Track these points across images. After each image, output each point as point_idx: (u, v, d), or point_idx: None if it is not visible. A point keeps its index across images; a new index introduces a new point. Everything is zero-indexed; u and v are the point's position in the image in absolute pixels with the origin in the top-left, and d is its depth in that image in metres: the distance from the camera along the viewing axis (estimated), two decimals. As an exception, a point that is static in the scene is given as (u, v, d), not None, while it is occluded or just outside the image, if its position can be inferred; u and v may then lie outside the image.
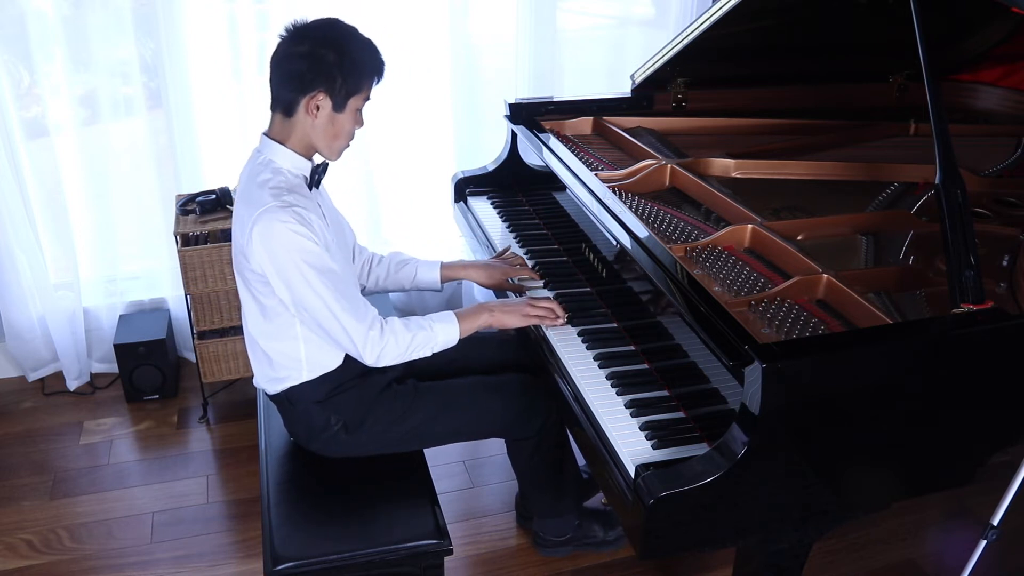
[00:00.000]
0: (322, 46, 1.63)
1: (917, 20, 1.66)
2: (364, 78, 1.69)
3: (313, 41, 1.64)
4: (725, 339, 1.41)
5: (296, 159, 1.73)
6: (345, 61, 1.64)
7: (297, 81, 1.65)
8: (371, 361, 1.74)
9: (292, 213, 1.62)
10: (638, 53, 3.06)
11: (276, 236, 1.61)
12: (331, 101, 1.67)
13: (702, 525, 1.42)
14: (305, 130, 1.70)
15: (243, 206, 1.69)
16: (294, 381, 1.81)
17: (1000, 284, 1.72)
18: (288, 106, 1.69)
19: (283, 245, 1.62)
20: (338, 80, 1.65)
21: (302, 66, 1.64)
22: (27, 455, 2.69)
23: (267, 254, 1.63)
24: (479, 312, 1.86)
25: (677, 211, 2.01)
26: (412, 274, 2.08)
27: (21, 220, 2.78)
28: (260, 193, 1.65)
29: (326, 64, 1.63)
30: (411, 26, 2.93)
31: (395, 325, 1.76)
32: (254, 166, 1.73)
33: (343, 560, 1.66)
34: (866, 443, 1.47)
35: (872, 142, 2.44)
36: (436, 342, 1.80)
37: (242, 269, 1.73)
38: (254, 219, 1.62)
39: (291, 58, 1.65)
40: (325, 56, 1.63)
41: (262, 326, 1.78)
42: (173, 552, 2.30)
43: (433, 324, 1.80)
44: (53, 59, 2.69)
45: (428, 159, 3.12)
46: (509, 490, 2.50)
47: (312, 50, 1.63)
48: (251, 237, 1.63)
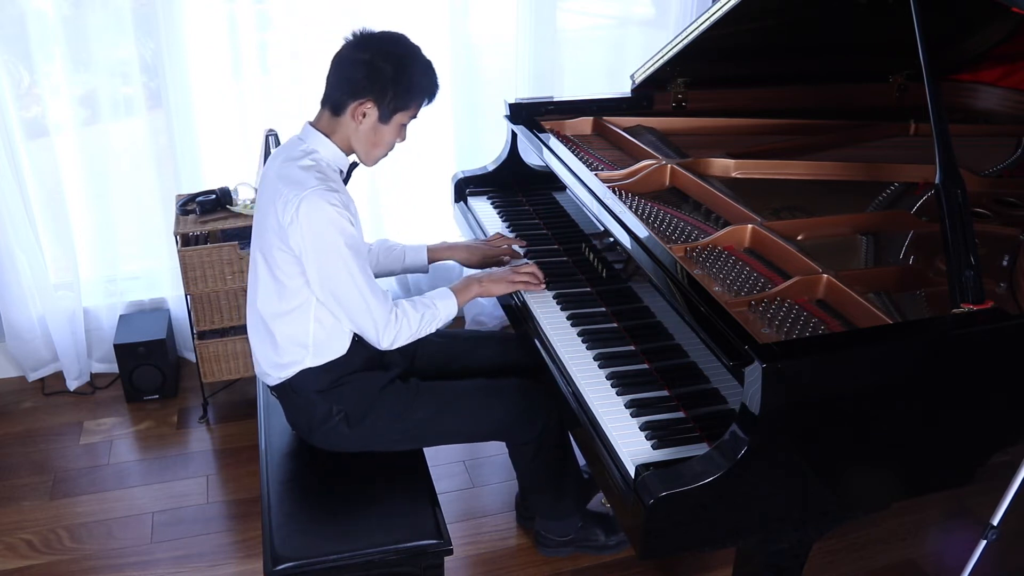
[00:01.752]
0: (383, 59, 1.70)
1: (917, 20, 1.66)
2: (415, 97, 1.76)
3: (375, 52, 1.71)
4: (725, 339, 1.41)
5: (338, 153, 1.80)
6: (401, 77, 1.72)
7: (351, 85, 1.72)
8: (386, 344, 1.79)
9: (337, 197, 1.69)
10: (638, 53, 3.06)
11: (324, 215, 1.67)
12: (378, 111, 1.74)
13: (702, 525, 1.42)
14: (348, 132, 1.78)
15: (284, 185, 1.71)
16: (299, 367, 1.82)
17: (1000, 284, 1.72)
18: (337, 106, 1.75)
19: (330, 224, 1.67)
20: (389, 94, 1.72)
21: (359, 73, 1.71)
22: (27, 455, 2.69)
23: (311, 231, 1.67)
24: (470, 284, 1.94)
25: (677, 211, 2.01)
26: (401, 258, 2.15)
27: (21, 220, 2.78)
28: (305, 175, 1.70)
29: (382, 76, 1.70)
30: (411, 26, 2.91)
31: (406, 308, 1.82)
32: (294, 151, 1.77)
33: (343, 560, 1.66)
34: (866, 443, 1.47)
35: (872, 142, 2.44)
36: (440, 317, 1.87)
37: (268, 247, 1.75)
38: (302, 197, 1.66)
39: (351, 63, 1.72)
40: (383, 69, 1.70)
41: (276, 306, 1.80)
42: (173, 552, 2.30)
43: (435, 302, 1.87)
44: (53, 59, 2.69)
45: (428, 159, 3.12)
46: (509, 490, 2.50)
47: (372, 60, 1.71)
48: (297, 214, 1.67)
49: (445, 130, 3.13)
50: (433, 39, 2.98)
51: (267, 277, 1.79)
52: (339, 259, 1.70)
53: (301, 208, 1.66)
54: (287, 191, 1.69)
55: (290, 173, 1.72)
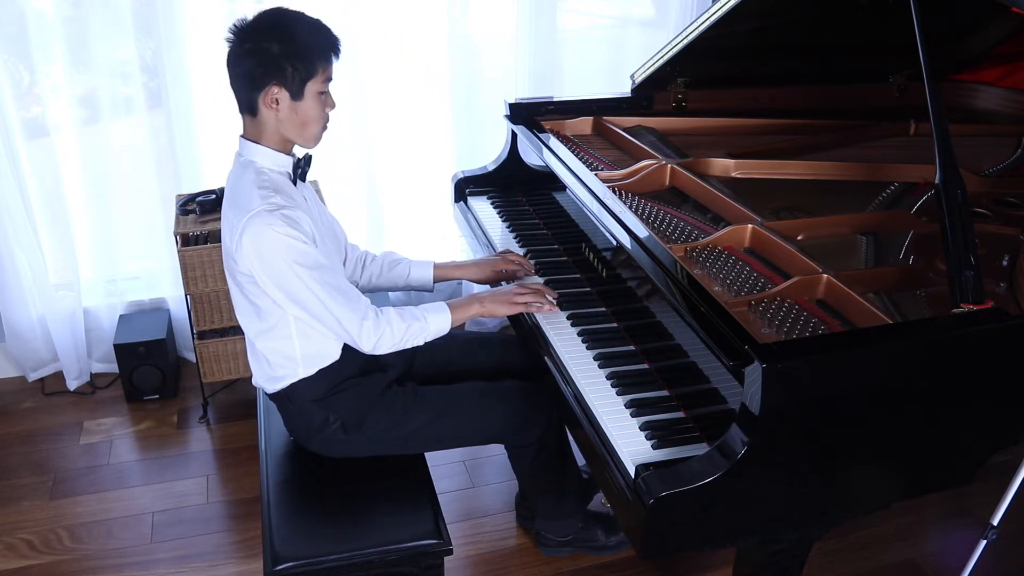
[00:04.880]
0: (265, 39, 1.62)
1: (917, 20, 1.66)
2: (316, 60, 1.66)
3: (256, 37, 1.63)
4: (725, 339, 1.41)
5: (275, 156, 1.73)
6: (290, 48, 1.62)
7: (249, 79, 1.65)
8: (368, 349, 1.76)
9: (280, 216, 1.62)
10: (638, 53, 3.06)
11: (266, 241, 1.62)
12: (287, 91, 1.65)
13: (702, 525, 1.42)
14: (273, 125, 1.70)
15: (231, 210, 1.69)
16: (292, 379, 1.81)
17: (1000, 284, 1.72)
18: (250, 106, 1.69)
19: (273, 249, 1.62)
20: (288, 69, 1.63)
21: (250, 64, 1.63)
22: (27, 455, 2.69)
23: (257, 258, 1.64)
24: (471, 303, 1.89)
25: (677, 211, 2.01)
26: (405, 273, 2.09)
27: (21, 220, 2.78)
28: (248, 196, 1.65)
29: (272, 56, 1.62)
30: (410, 26, 2.93)
31: (390, 315, 1.78)
32: (237, 168, 1.74)
33: (343, 560, 1.66)
34: (866, 443, 1.47)
35: (872, 142, 2.44)
36: (429, 332, 1.82)
37: (232, 271, 1.74)
38: (243, 225, 1.62)
39: (239, 58, 1.65)
40: (269, 48, 1.62)
41: (257, 325, 1.78)
42: (173, 552, 2.30)
43: (427, 315, 1.82)
44: (53, 59, 2.69)
45: (428, 159, 3.12)
46: (509, 490, 2.50)
47: (256, 45, 1.62)
48: (241, 242, 1.63)
49: (445, 130, 3.13)
50: (432, 39, 2.98)
51: (241, 299, 1.77)
52: (294, 277, 1.65)
53: (244, 235, 1.62)
54: (232, 215, 1.67)
55: (236, 195, 1.69)
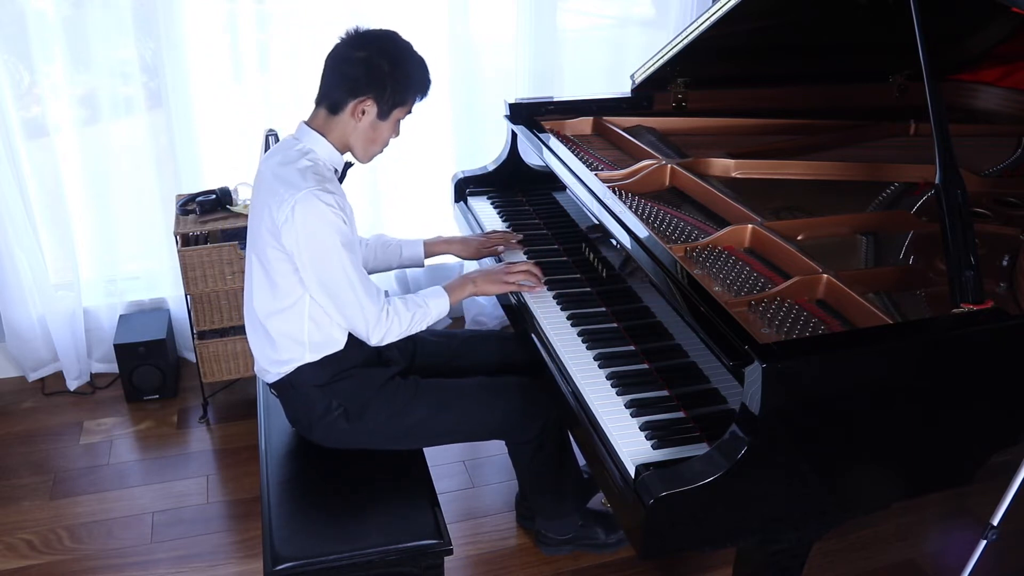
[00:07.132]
0: (380, 56, 1.73)
1: (917, 20, 1.66)
2: (411, 93, 1.78)
3: (372, 49, 1.73)
4: (725, 339, 1.41)
5: (333, 152, 1.81)
6: (398, 74, 1.74)
7: (349, 83, 1.74)
8: (375, 341, 1.81)
9: (332, 197, 1.70)
10: (638, 53, 3.06)
11: (320, 214, 1.68)
12: (377, 108, 1.76)
13: (702, 525, 1.42)
14: (346, 130, 1.79)
15: (279, 184, 1.72)
16: (296, 363, 1.83)
17: (1000, 284, 1.72)
18: (335, 104, 1.77)
19: (325, 224, 1.69)
20: (388, 90, 1.74)
21: (357, 71, 1.72)
22: (27, 455, 2.69)
23: (306, 231, 1.69)
24: (464, 284, 1.96)
25: (677, 211, 2.01)
26: (397, 253, 2.18)
27: (21, 220, 2.78)
28: (301, 175, 1.71)
29: (380, 73, 1.72)
30: (411, 26, 2.92)
31: (397, 305, 1.84)
32: (289, 152, 1.78)
33: (343, 560, 1.66)
34: (866, 443, 1.47)
35: (872, 142, 2.44)
36: (431, 316, 1.89)
37: (262, 247, 1.76)
38: (297, 198, 1.68)
39: (348, 61, 1.73)
40: (381, 66, 1.72)
41: (270, 304, 1.81)
42: (173, 552, 2.30)
43: (427, 301, 1.89)
44: (53, 59, 2.69)
45: (428, 159, 3.12)
46: (509, 490, 2.50)
47: (369, 57, 1.72)
48: (293, 213, 1.68)
49: (445, 130, 3.13)
50: (432, 39, 2.98)
51: (261, 275, 1.81)
52: (335, 257, 1.72)
53: (297, 208, 1.67)
54: (283, 191, 1.70)
55: (286, 173, 1.73)
